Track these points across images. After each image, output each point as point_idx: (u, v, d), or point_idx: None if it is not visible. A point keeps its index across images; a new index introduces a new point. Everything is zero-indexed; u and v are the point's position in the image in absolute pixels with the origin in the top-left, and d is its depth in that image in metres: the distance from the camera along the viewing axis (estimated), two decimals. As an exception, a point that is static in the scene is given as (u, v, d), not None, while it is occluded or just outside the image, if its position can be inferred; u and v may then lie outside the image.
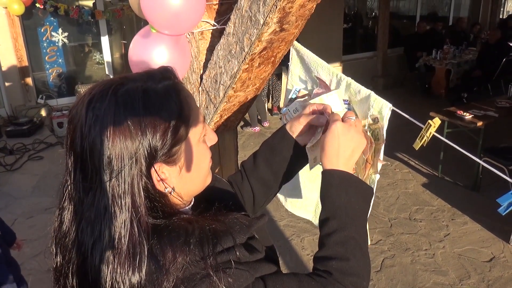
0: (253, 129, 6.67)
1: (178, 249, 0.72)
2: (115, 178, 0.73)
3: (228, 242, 0.76)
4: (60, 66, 6.73)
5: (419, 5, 9.98)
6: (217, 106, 1.60)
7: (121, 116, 0.73)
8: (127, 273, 0.70)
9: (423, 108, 5.19)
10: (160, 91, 0.77)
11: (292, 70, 1.61)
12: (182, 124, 0.78)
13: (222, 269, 0.73)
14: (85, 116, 0.74)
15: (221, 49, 1.47)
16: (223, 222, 0.79)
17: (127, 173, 0.73)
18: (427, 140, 1.20)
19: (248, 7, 1.30)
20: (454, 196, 4.49)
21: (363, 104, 1.25)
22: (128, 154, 0.73)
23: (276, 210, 4.25)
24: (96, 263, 0.73)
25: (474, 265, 3.42)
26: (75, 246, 0.75)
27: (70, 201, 0.77)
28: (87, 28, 7.04)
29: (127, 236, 0.72)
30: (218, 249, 0.74)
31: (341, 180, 0.92)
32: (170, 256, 0.71)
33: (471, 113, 4.69)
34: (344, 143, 0.93)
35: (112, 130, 0.72)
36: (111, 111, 0.73)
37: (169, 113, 0.76)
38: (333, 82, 1.36)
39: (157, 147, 0.75)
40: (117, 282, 0.71)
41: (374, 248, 3.64)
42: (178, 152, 0.79)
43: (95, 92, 0.76)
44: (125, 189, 0.73)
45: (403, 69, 8.97)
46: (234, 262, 0.74)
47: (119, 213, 0.72)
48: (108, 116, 0.73)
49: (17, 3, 5.53)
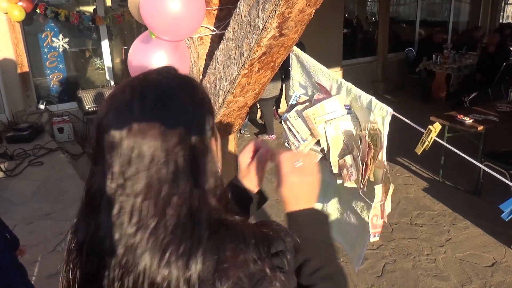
0: (270, 136, 6.53)
1: (238, 247, 0.72)
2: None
3: (280, 245, 0.77)
4: (60, 71, 6.73)
5: (418, 10, 10.00)
6: (217, 111, 1.59)
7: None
8: (183, 267, 0.70)
9: (424, 112, 5.18)
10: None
11: (292, 75, 1.61)
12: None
13: (277, 271, 0.74)
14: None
15: (220, 54, 1.47)
16: (271, 227, 0.80)
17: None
18: (429, 145, 1.20)
19: (247, 12, 1.30)
20: (455, 200, 4.48)
21: (364, 109, 1.24)
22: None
23: (277, 215, 4.24)
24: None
25: (476, 270, 3.41)
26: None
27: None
28: (88, 33, 7.05)
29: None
30: (272, 251, 0.75)
31: (309, 219, 0.93)
32: (230, 253, 0.71)
33: (471, 117, 4.68)
34: (299, 187, 0.93)
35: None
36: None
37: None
38: (334, 88, 1.36)
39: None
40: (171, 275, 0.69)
41: (375, 253, 3.63)
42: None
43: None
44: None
45: (403, 74, 8.97)
46: (286, 265, 0.76)
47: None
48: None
49: (18, 9, 5.54)
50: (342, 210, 1.61)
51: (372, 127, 1.19)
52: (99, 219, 0.75)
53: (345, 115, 1.33)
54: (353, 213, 1.54)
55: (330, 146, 1.37)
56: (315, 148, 1.44)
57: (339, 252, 0.88)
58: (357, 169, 1.33)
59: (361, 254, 1.52)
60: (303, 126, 1.40)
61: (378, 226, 1.39)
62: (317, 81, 1.43)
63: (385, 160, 1.29)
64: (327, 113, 1.31)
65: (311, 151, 1.44)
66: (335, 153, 1.38)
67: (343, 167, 1.36)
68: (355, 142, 1.33)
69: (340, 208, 1.62)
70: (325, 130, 1.35)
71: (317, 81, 1.43)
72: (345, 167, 1.34)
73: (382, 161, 1.29)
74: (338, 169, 1.39)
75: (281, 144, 6.25)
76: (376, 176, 1.36)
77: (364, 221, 1.44)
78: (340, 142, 1.37)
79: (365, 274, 3.38)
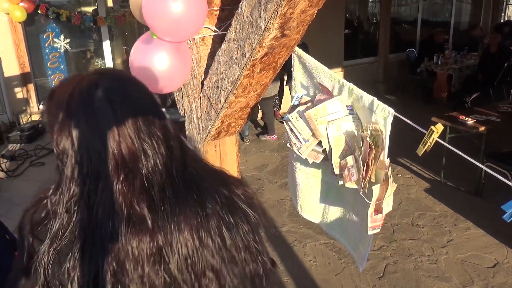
0: (271, 137, 6.52)
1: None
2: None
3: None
4: (62, 72, 6.74)
5: (420, 10, 9.99)
6: (218, 112, 1.59)
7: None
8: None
9: (425, 113, 5.18)
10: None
11: (294, 76, 1.61)
12: None
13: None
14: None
15: (222, 55, 1.47)
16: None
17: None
18: (430, 146, 1.20)
19: (249, 13, 1.30)
20: (457, 201, 4.47)
21: (366, 109, 1.24)
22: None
23: (278, 216, 4.24)
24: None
25: (477, 271, 3.40)
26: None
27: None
28: (89, 34, 7.06)
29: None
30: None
31: None
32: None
33: (473, 118, 4.67)
34: None
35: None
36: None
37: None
38: (336, 88, 1.36)
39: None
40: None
41: (377, 254, 3.62)
42: None
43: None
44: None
45: (404, 74, 8.96)
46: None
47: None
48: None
49: (19, 9, 5.56)
50: (345, 211, 1.61)
51: (374, 127, 1.19)
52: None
53: (347, 116, 1.33)
54: (355, 213, 1.54)
55: (332, 147, 1.37)
56: (317, 149, 1.44)
57: (341, 253, 0.88)
58: (358, 170, 1.33)
59: (365, 255, 1.52)
60: (305, 127, 1.40)
61: (378, 220, 1.39)
62: (319, 82, 1.43)
63: (387, 161, 1.29)
64: (329, 114, 1.31)
65: (312, 151, 1.44)
66: (337, 153, 1.38)
67: (344, 168, 1.35)
68: (356, 143, 1.33)
69: (343, 209, 1.62)
70: (327, 130, 1.35)
71: (319, 82, 1.43)
72: (346, 168, 1.34)
73: (383, 161, 1.29)
74: (340, 170, 1.39)
75: (282, 145, 6.25)
76: (377, 177, 1.36)
77: (366, 222, 1.44)
78: (341, 142, 1.37)
79: (367, 275, 3.38)
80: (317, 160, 1.46)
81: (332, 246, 3.74)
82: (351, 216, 1.57)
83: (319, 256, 3.64)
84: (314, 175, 1.63)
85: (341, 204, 1.62)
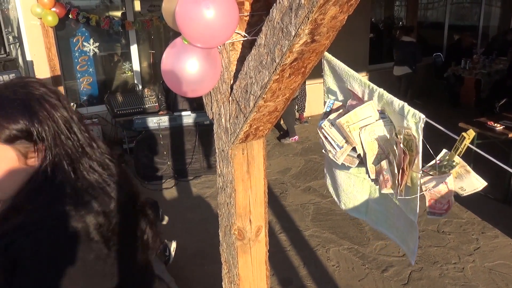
0: (292, 139, 6.54)
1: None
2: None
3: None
4: (90, 75, 6.91)
5: (447, 14, 9.84)
6: (247, 115, 1.61)
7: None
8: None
9: (452, 118, 5.09)
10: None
11: (326, 81, 1.62)
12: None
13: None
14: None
15: (252, 59, 1.49)
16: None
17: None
18: (462, 152, 1.19)
19: (280, 18, 1.32)
20: (485, 209, 4.38)
21: (397, 114, 1.25)
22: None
23: (301, 220, 4.24)
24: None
25: (505, 280, 3.32)
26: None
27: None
28: (117, 38, 7.21)
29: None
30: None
31: None
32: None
33: (502, 124, 4.58)
34: None
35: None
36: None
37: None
38: (366, 94, 1.37)
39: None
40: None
41: (402, 260, 3.58)
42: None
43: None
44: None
45: (430, 79, 8.83)
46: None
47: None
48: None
49: (51, 14, 5.72)
50: (388, 207, 1.60)
51: (407, 132, 1.20)
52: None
53: (379, 120, 1.33)
54: (399, 209, 1.54)
55: (366, 152, 1.37)
56: (352, 154, 1.45)
57: (365, 259, 0.88)
58: (392, 174, 1.33)
59: (414, 249, 1.53)
60: (338, 134, 1.41)
61: (441, 203, 1.38)
62: (349, 88, 1.44)
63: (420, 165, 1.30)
64: (360, 120, 1.32)
65: (348, 156, 1.45)
66: (371, 158, 1.38)
67: (379, 173, 1.36)
68: (390, 147, 1.33)
69: (384, 205, 1.61)
70: (360, 137, 1.35)
71: (349, 88, 1.44)
72: (381, 173, 1.35)
73: (418, 166, 1.29)
74: (375, 175, 1.39)
75: (306, 149, 6.24)
76: (413, 181, 1.37)
77: (410, 220, 1.44)
78: (375, 147, 1.37)
79: (391, 281, 3.35)
80: (353, 165, 1.47)
81: (355, 252, 3.71)
82: (395, 211, 1.57)
83: (342, 261, 3.62)
84: (355, 174, 1.63)
85: (384, 200, 1.61)
